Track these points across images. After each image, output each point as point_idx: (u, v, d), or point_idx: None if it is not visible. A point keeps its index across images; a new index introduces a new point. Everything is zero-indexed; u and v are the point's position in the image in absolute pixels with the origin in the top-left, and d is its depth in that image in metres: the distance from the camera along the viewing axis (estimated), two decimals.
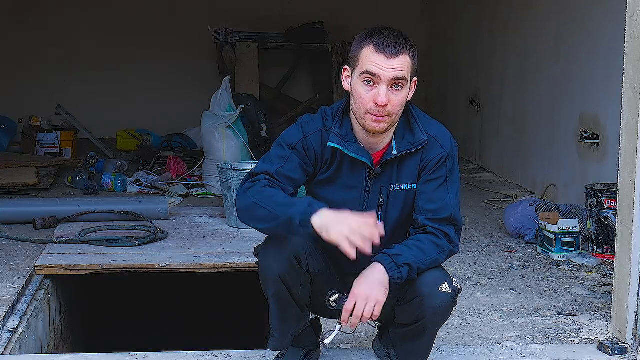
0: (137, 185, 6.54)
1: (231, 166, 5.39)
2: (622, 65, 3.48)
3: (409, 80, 2.85)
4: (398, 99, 2.83)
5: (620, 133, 3.51)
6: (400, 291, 2.92)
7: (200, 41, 9.45)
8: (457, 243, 2.96)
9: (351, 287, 2.84)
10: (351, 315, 2.81)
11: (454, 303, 2.91)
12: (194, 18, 9.50)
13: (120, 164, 7.09)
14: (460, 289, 2.93)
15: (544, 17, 6.42)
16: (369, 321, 2.88)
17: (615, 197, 3.71)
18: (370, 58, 2.81)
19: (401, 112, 2.88)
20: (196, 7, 9.54)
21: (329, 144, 2.91)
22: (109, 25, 9.44)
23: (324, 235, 2.69)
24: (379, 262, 2.84)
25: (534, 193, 6.44)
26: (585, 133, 5.63)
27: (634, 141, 3.37)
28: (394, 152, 2.92)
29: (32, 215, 5.22)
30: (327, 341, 2.90)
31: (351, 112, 2.92)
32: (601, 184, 4.90)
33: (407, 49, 2.83)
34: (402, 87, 2.83)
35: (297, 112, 8.98)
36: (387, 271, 2.81)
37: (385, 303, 2.83)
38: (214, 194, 6.33)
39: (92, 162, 6.47)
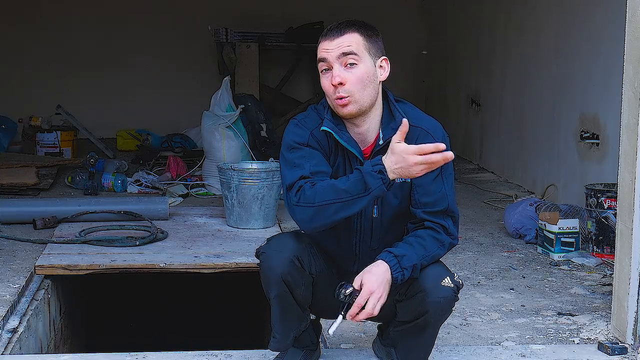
0: (137, 185, 6.54)
1: (231, 166, 5.39)
2: (622, 65, 3.48)
3: (362, 55, 2.83)
4: (354, 76, 2.82)
5: (620, 133, 3.51)
6: (402, 287, 2.92)
7: (200, 41, 9.45)
8: (455, 235, 2.96)
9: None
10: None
11: (456, 298, 2.91)
12: (194, 18, 9.50)
13: (120, 164, 7.09)
14: (462, 284, 2.93)
15: (544, 17, 6.41)
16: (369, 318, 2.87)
17: (615, 197, 3.70)
18: (320, 47, 2.86)
19: (367, 90, 2.84)
20: (196, 7, 9.54)
21: (323, 127, 2.90)
22: (109, 26, 9.44)
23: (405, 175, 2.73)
24: (384, 261, 2.83)
25: (534, 193, 6.44)
26: (585, 133, 5.63)
27: (634, 141, 3.37)
28: (380, 142, 2.91)
29: (32, 215, 5.22)
30: (330, 331, 2.89)
31: None
32: (601, 184, 4.89)
33: (355, 27, 2.84)
34: (356, 63, 2.82)
35: (297, 112, 8.96)
36: (391, 272, 2.81)
37: (386, 300, 2.83)
38: (214, 194, 6.33)
39: (92, 162, 6.47)
